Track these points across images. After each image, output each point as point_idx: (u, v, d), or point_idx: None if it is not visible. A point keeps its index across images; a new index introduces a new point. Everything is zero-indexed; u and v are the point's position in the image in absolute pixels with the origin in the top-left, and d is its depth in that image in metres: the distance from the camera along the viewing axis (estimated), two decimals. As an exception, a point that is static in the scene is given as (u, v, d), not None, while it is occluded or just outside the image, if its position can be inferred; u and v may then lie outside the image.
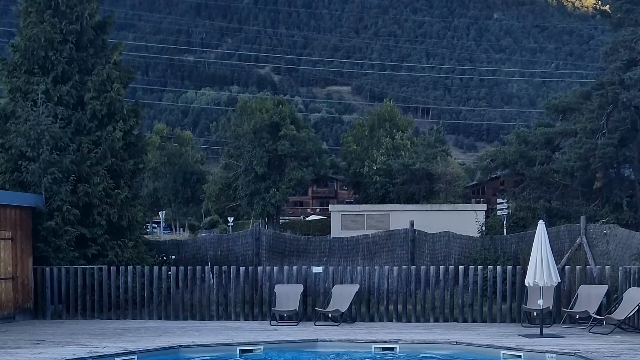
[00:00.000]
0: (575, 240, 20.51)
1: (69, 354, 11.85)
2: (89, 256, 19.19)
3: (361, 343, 13.47)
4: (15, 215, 17.55)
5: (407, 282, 17.15)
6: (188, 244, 24.36)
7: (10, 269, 17.24)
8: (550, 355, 11.94)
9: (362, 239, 23.67)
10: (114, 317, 17.66)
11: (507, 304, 16.61)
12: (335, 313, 16.13)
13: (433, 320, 16.65)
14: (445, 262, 20.87)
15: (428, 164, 47.97)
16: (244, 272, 17.60)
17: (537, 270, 13.96)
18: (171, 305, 17.67)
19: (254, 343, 13.40)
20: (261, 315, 17.36)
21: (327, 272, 17.37)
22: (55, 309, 17.85)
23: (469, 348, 12.88)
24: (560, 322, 15.75)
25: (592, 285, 15.95)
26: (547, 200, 30.05)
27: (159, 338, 13.94)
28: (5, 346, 12.86)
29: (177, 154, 67.68)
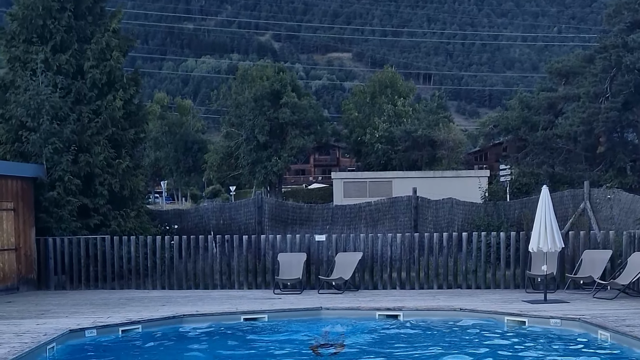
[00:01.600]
0: (579, 205, 20.43)
1: (73, 324, 11.84)
2: (92, 226, 19.17)
3: (365, 311, 13.47)
4: (17, 186, 17.49)
5: (411, 249, 17.11)
6: (190, 214, 24.35)
7: (13, 240, 17.22)
8: (555, 320, 11.92)
9: (364, 206, 23.62)
10: (118, 287, 17.67)
11: (510, 270, 16.58)
12: (338, 281, 16.12)
13: (437, 287, 16.63)
14: (448, 229, 20.81)
15: (430, 130, 47.74)
16: (247, 240, 17.56)
17: (540, 236, 13.90)
18: (174, 275, 17.67)
19: (257, 312, 13.40)
20: (264, 284, 17.36)
21: (330, 240, 17.33)
22: (58, 279, 17.86)
23: (473, 314, 12.86)
24: (564, 287, 15.72)
25: (596, 251, 15.89)
26: (551, 165, 29.96)
27: (162, 307, 13.93)
28: (9, 317, 12.86)
29: (178, 124, 67.48)
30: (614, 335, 10.48)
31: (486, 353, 10.12)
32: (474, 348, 10.52)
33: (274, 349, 10.82)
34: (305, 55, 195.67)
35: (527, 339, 11.14)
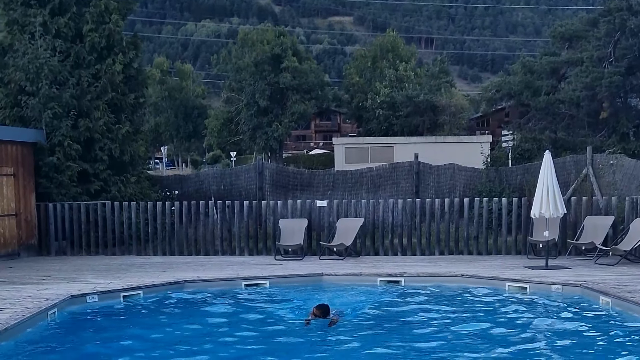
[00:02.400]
0: (581, 171, 20.35)
1: (75, 289, 11.83)
2: (92, 192, 19.13)
3: (366, 277, 13.45)
4: (17, 151, 17.39)
5: (412, 215, 17.07)
6: (191, 179, 24.30)
7: (13, 206, 17.17)
8: (556, 286, 11.90)
9: (366, 172, 23.55)
10: (119, 253, 17.68)
11: (512, 236, 16.55)
12: (340, 247, 16.09)
13: (438, 253, 16.62)
14: (450, 195, 20.78)
15: (432, 95, 47.44)
16: (248, 206, 17.51)
17: (542, 202, 13.82)
18: (175, 241, 17.65)
19: (258, 278, 13.38)
20: (265, 250, 17.35)
21: (331, 206, 17.28)
22: (59, 245, 17.85)
23: (474, 280, 12.84)
24: (566, 253, 15.70)
25: (598, 217, 15.84)
26: (553, 131, 29.80)
27: (164, 273, 13.92)
28: (10, 282, 12.84)
29: (178, 88, 67.07)
30: (615, 301, 10.45)
31: (487, 319, 10.11)
32: (475, 314, 10.51)
33: (274, 315, 10.81)
34: (306, 19, 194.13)
35: (528, 305, 11.11)
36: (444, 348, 8.47)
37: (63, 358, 8.38)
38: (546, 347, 8.52)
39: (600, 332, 9.24)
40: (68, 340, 9.36)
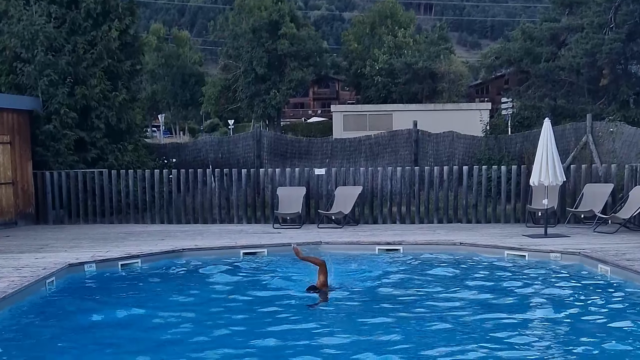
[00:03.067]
0: (581, 138, 20.27)
1: (73, 258, 11.80)
2: (89, 160, 19.04)
3: (365, 245, 13.43)
4: (13, 119, 17.26)
5: (411, 183, 17.01)
6: (188, 147, 24.20)
7: (10, 174, 17.09)
8: (555, 255, 11.89)
9: (364, 140, 23.46)
10: (116, 221, 17.64)
11: (511, 204, 16.52)
12: (338, 215, 16.06)
13: (437, 222, 16.60)
14: (449, 163, 20.71)
15: (431, 62, 47.10)
16: (246, 174, 17.44)
17: (542, 170, 13.75)
18: (173, 209, 17.61)
19: (257, 246, 13.36)
20: (264, 218, 17.32)
21: (329, 174, 17.22)
22: (57, 214, 17.81)
23: (473, 249, 12.83)
24: (565, 221, 15.68)
25: (598, 184, 15.80)
26: (553, 98, 29.61)
27: (162, 242, 13.90)
28: (8, 251, 12.81)
29: (175, 56, 66.51)
30: (614, 269, 10.44)
31: (485, 287, 10.09)
32: (473, 282, 10.49)
33: (273, 283, 10.80)
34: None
35: (527, 273, 11.10)
36: (442, 316, 8.46)
37: (61, 326, 8.36)
38: (544, 315, 8.51)
39: (598, 300, 9.23)
40: (66, 309, 9.35)
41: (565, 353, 6.91)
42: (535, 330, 7.74)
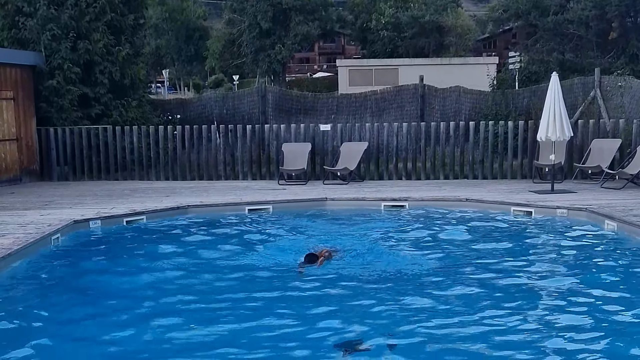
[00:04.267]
0: (589, 93, 20.00)
1: (77, 215, 11.79)
2: (93, 116, 18.94)
3: (370, 201, 13.39)
4: (16, 75, 17.13)
5: (417, 139, 16.90)
6: (193, 103, 24.08)
7: (14, 130, 17.03)
8: (561, 210, 11.83)
9: (370, 95, 23.28)
10: (121, 178, 17.62)
11: (518, 160, 16.42)
12: (344, 171, 15.99)
13: (443, 178, 16.52)
14: (455, 118, 20.55)
15: (438, 16, 46.39)
16: (251, 130, 17.34)
17: (549, 125, 13.63)
18: (178, 166, 17.57)
19: (262, 202, 13.32)
20: (269, 174, 17.27)
21: (335, 130, 17.11)
22: (61, 170, 17.78)
23: (479, 205, 12.77)
24: (572, 177, 15.60)
25: (605, 140, 15.69)
26: (561, 52, 29.20)
27: (167, 198, 13.88)
28: (13, 208, 12.82)
29: (179, 10, 65.69)
30: (620, 225, 10.38)
31: (492, 243, 10.05)
32: (479, 238, 10.45)
33: (277, 239, 10.78)
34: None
35: (533, 229, 11.06)
36: (448, 272, 8.43)
37: (66, 283, 8.36)
38: (550, 270, 8.47)
39: (605, 255, 9.19)
40: (71, 265, 9.35)
41: (570, 311, 6.87)
42: (540, 287, 7.70)
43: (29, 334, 6.44)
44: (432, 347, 5.83)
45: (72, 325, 6.74)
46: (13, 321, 6.72)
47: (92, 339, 6.32)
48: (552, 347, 5.82)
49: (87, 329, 6.60)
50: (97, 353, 5.96)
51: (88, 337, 6.37)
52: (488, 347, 5.84)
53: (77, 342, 6.27)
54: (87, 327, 6.66)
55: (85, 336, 6.41)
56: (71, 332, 6.57)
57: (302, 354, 5.82)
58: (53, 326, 6.70)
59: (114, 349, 6.04)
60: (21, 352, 5.86)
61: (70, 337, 6.44)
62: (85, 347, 6.12)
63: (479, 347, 5.81)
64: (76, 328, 6.67)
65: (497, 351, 5.74)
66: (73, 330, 6.62)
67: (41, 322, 6.78)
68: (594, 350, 5.75)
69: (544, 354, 5.67)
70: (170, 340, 6.21)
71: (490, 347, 5.84)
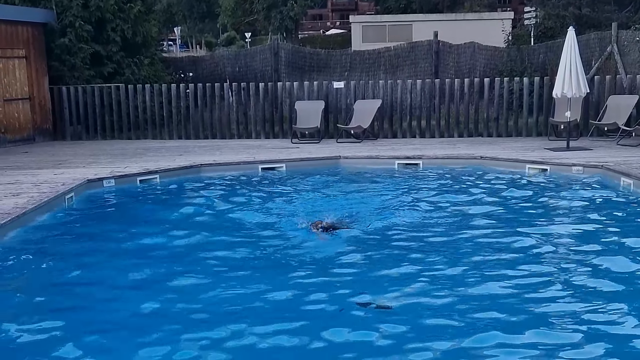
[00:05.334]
0: (605, 48, 19.69)
1: (91, 174, 11.82)
2: (105, 75, 18.87)
3: (384, 159, 13.32)
4: (27, 33, 17.04)
5: (431, 97, 16.74)
6: (205, 61, 23.94)
7: (27, 89, 17.00)
8: (577, 168, 11.73)
9: (384, 52, 23.06)
10: (134, 137, 17.61)
11: (533, 117, 16.26)
12: (357, 130, 15.90)
13: (457, 136, 16.40)
14: (470, 75, 20.33)
15: (452, -30, 45.70)
16: (264, 88, 17.23)
17: (565, 81, 13.45)
18: (191, 125, 17.52)
19: (275, 161, 13.29)
20: (282, 133, 17.19)
21: (348, 88, 16.98)
22: (74, 129, 17.78)
23: (493, 162, 12.69)
24: (588, 134, 15.44)
25: (622, 96, 15.47)
26: (577, 7, 28.67)
27: (180, 157, 13.87)
28: (27, 167, 12.86)
29: (190, -36, 64.98)
30: (637, 182, 10.27)
31: (506, 201, 10.00)
32: (494, 196, 10.40)
33: (291, 197, 10.77)
34: None
35: (549, 186, 10.98)
36: (463, 231, 8.40)
37: (81, 241, 8.41)
38: (566, 228, 8.42)
39: (621, 212, 9.12)
40: (86, 224, 9.40)
41: (585, 266, 6.85)
42: (555, 244, 7.66)
43: (42, 292, 6.48)
44: (453, 308, 5.80)
45: (84, 283, 6.78)
46: (27, 279, 6.77)
47: (105, 298, 6.35)
48: (570, 307, 5.80)
49: (102, 288, 6.63)
50: (109, 313, 5.99)
51: (101, 297, 6.39)
52: (506, 306, 5.82)
53: (88, 301, 6.30)
54: (101, 286, 6.69)
55: (98, 296, 6.44)
56: (85, 290, 6.60)
57: (319, 314, 5.80)
58: (67, 285, 6.74)
59: (126, 309, 6.06)
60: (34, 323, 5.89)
61: (83, 295, 6.47)
62: (97, 306, 6.15)
63: (496, 307, 5.80)
64: (87, 286, 6.71)
65: (519, 309, 5.73)
66: (84, 288, 6.65)
67: (55, 281, 6.81)
68: (613, 309, 5.72)
69: (567, 313, 5.64)
70: (184, 298, 6.23)
71: (510, 306, 5.82)
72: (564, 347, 4.97)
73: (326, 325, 5.48)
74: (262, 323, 5.53)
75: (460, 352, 4.95)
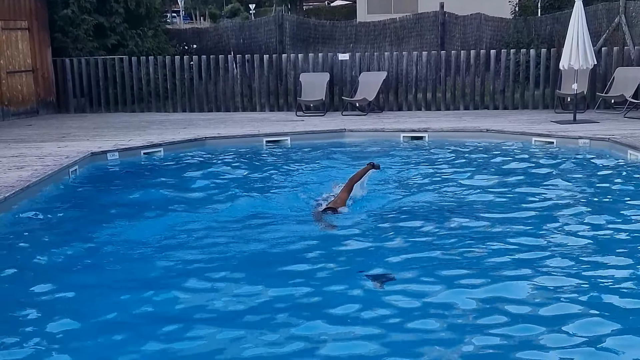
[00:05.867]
0: (613, 20, 19.45)
1: (95, 147, 11.80)
2: (109, 47, 18.77)
3: (389, 132, 13.26)
4: (30, 4, 16.89)
5: (437, 69, 16.62)
6: (209, 33, 23.78)
7: (30, 61, 16.91)
8: (583, 141, 11.67)
9: (389, 23, 22.88)
10: (138, 110, 17.54)
11: (540, 89, 16.13)
12: (362, 102, 15.80)
13: (463, 108, 16.29)
14: (476, 47, 20.15)
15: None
16: (268, 60, 17.11)
17: (572, 53, 13.31)
18: (195, 97, 17.44)
19: (280, 134, 13.24)
20: (287, 106, 17.12)
21: (353, 59, 16.85)
22: (78, 102, 17.72)
23: (499, 135, 12.62)
24: (595, 107, 15.31)
25: (630, 68, 15.32)
26: (585, -23, 28.36)
27: (184, 130, 13.82)
28: (31, 140, 12.84)
29: None
30: (644, 155, 10.21)
31: (512, 173, 9.94)
32: (499, 168, 10.34)
33: (296, 171, 10.74)
34: None
35: (555, 159, 10.91)
36: (468, 202, 8.36)
37: (84, 214, 8.39)
38: (572, 201, 8.37)
39: (628, 186, 9.04)
40: (89, 197, 9.39)
41: (592, 237, 6.81)
42: (561, 216, 7.61)
43: (46, 265, 6.48)
44: (460, 278, 5.77)
45: (90, 256, 6.76)
46: (30, 253, 6.75)
47: (109, 270, 6.35)
48: (577, 277, 5.76)
49: (105, 261, 6.62)
50: (112, 283, 5.97)
51: (105, 269, 6.39)
52: (514, 278, 5.79)
53: (92, 273, 6.29)
54: (103, 258, 6.68)
55: (103, 267, 6.43)
56: (89, 262, 6.59)
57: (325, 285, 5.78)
58: (69, 257, 6.72)
59: (131, 279, 6.06)
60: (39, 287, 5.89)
61: (88, 266, 6.47)
62: (101, 279, 6.13)
63: (503, 279, 5.76)
64: (93, 258, 6.70)
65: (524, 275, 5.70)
66: (90, 260, 6.64)
67: (59, 253, 6.80)
68: (618, 277, 5.72)
69: (572, 287, 5.61)
70: (186, 271, 6.21)
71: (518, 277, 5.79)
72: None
73: (333, 296, 5.46)
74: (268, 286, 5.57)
75: (468, 326, 4.92)
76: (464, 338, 4.70)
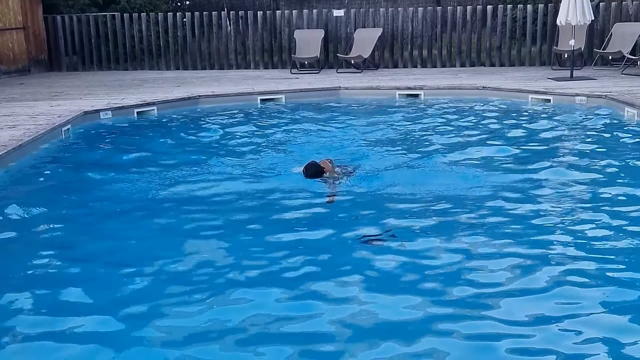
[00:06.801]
0: (612, -25, 19.26)
1: (88, 105, 11.68)
2: (100, 3, 18.52)
3: (385, 90, 13.18)
4: (19, -42, 16.62)
5: (433, 25, 16.45)
6: (202, -12, 23.39)
7: (20, 19, 16.69)
8: (580, 98, 11.60)
9: (384, -22, 22.53)
10: (131, 68, 17.39)
11: (537, 46, 16.02)
12: (357, 59, 15.66)
13: (459, 65, 16.17)
14: (472, 2, 19.89)
15: None
16: (262, 17, 16.92)
17: (569, 8, 13.17)
18: (188, 55, 17.27)
19: (274, 92, 13.13)
20: (281, 63, 16.97)
21: (348, 16, 16.68)
22: (70, 60, 17.55)
23: (496, 93, 12.55)
24: (592, 63, 15.22)
25: (627, 23, 15.22)
26: None
27: (177, 88, 13.70)
28: (22, 99, 12.70)
29: None
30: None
31: (509, 131, 9.89)
32: (496, 126, 10.29)
33: (291, 128, 10.66)
34: None
35: (552, 117, 10.85)
36: (465, 163, 8.30)
37: (78, 174, 8.30)
38: (569, 159, 8.34)
39: (624, 143, 8.99)
40: (83, 156, 9.30)
41: (591, 198, 6.78)
42: (560, 175, 7.56)
43: (41, 222, 6.44)
44: (458, 241, 5.73)
45: (83, 215, 6.72)
46: (25, 211, 6.70)
47: (101, 229, 6.30)
48: (572, 240, 5.74)
49: (97, 219, 6.58)
50: (105, 241, 5.94)
51: (97, 227, 6.35)
52: (511, 234, 5.76)
53: (84, 232, 6.25)
54: (97, 217, 6.63)
55: (95, 225, 6.39)
56: (82, 221, 6.55)
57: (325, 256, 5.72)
58: (64, 216, 6.68)
59: (121, 239, 6.01)
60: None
61: (81, 225, 6.42)
62: (93, 237, 6.09)
63: (502, 236, 5.74)
64: (86, 217, 6.65)
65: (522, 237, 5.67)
66: (83, 219, 6.60)
67: (53, 212, 6.75)
68: (614, 236, 5.66)
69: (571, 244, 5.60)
70: (177, 232, 6.16)
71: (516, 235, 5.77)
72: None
73: (332, 257, 5.44)
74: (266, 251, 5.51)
75: (469, 282, 4.90)
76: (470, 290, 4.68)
